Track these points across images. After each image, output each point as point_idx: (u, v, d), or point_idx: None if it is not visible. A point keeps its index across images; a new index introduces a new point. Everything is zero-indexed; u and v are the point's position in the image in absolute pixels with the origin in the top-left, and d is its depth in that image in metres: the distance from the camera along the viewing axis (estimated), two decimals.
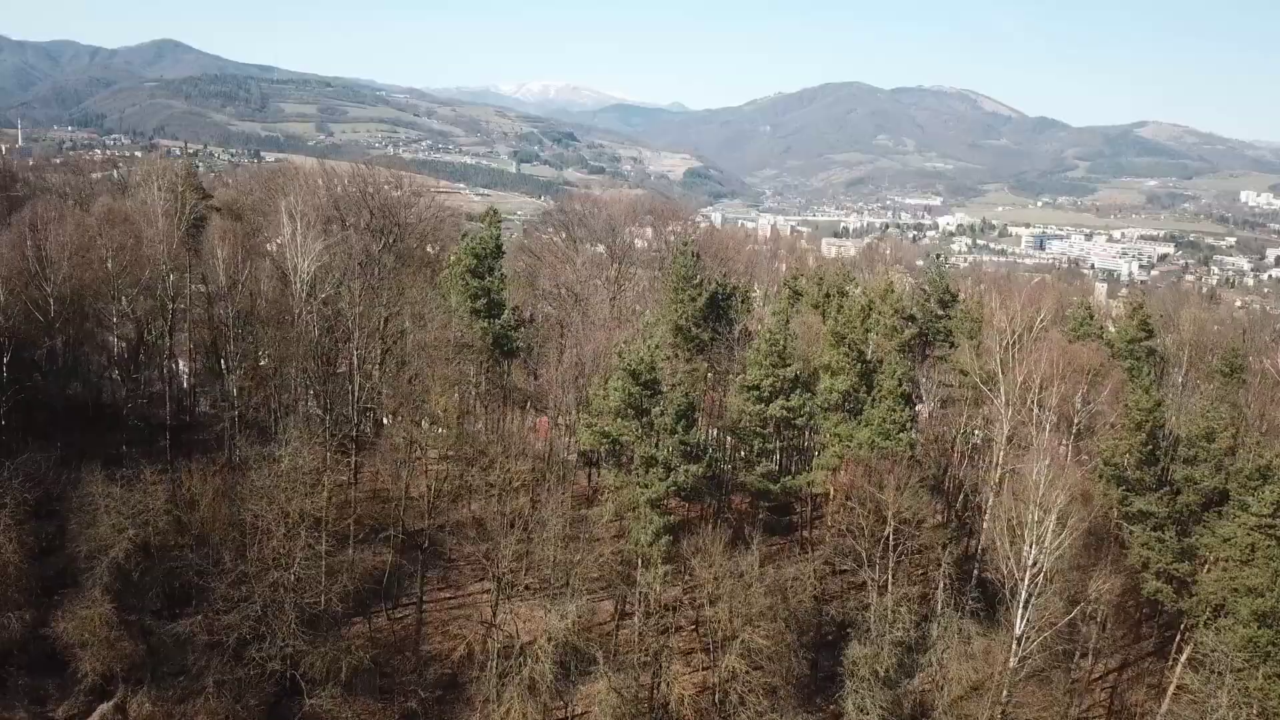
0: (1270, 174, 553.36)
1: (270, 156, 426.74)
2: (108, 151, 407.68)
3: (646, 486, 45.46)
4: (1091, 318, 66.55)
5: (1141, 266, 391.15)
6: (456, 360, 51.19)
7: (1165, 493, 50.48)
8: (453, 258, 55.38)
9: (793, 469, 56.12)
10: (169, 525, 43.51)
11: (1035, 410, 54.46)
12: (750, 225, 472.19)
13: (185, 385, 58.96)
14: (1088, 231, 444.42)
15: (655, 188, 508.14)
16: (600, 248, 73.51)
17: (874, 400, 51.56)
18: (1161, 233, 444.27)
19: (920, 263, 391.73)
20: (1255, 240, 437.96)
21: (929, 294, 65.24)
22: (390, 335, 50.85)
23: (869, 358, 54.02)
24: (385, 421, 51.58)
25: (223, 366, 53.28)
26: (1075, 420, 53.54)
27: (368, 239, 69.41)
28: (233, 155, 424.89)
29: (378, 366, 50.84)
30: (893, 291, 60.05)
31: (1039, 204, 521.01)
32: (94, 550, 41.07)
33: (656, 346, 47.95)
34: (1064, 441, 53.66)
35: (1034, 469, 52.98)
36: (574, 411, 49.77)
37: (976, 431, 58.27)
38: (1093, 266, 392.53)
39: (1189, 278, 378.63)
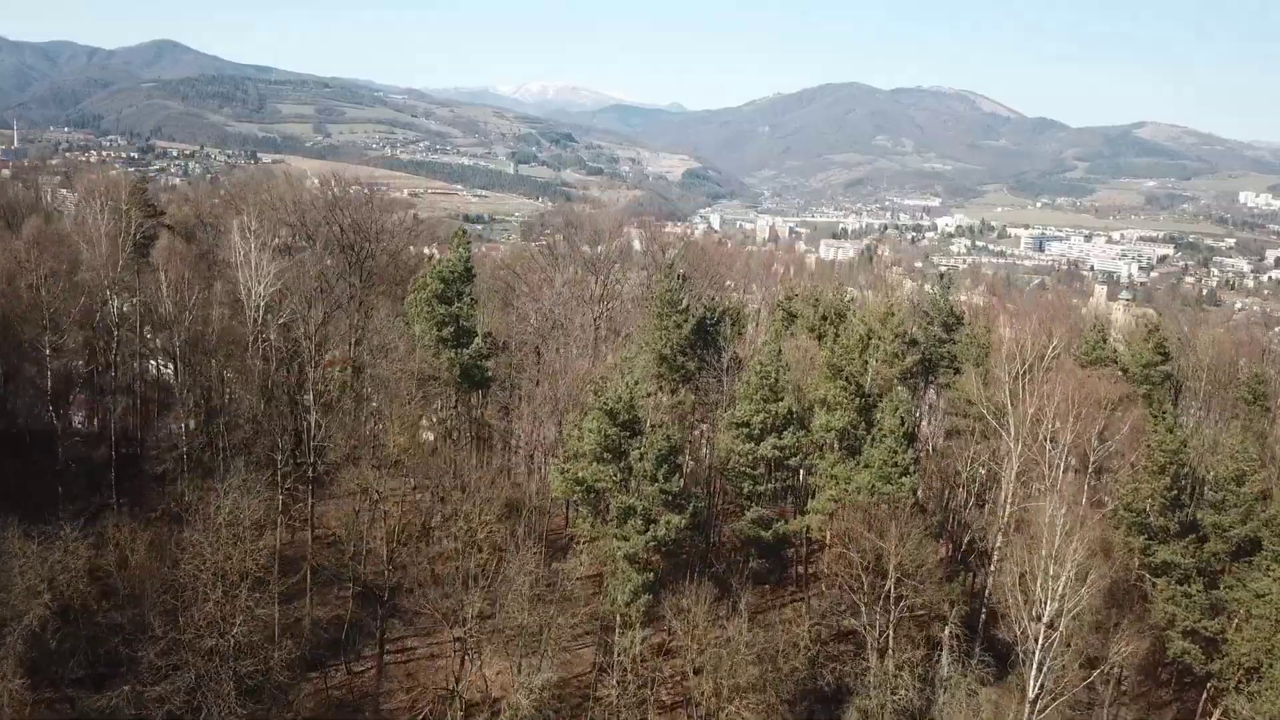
0: (1269, 174, 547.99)
1: (267, 158, 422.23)
2: (104, 153, 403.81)
3: (624, 539, 40.99)
4: (1105, 340, 61.93)
5: (1141, 268, 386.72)
6: (420, 395, 46.70)
7: (1191, 540, 46.01)
8: (418, 282, 50.73)
9: (787, 504, 51.53)
10: (95, 585, 39.08)
11: (1048, 446, 49.99)
12: (749, 226, 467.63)
13: (127, 422, 54.35)
14: (1087, 233, 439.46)
15: (654, 189, 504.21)
16: (585, 248, 68.86)
17: (873, 439, 46.99)
18: (1161, 234, 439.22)
19: (919, 264, 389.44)
20: (1255, 241, 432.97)
21: (932, 316, 60.64)
22: (350, 367, 46.35)
23: (868, 390, 49.42)
24: (343, 462, 46.94)
25: (169, 401, 48.74)
26: (1091, 458, 49.04)
27: (335, 258, 64.90)
28: (229, 156, 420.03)
29: (336, 402, 46.40)
30: (893, 315, 55.45)
31: (1038, 205, 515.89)
32: (5, 617, 36.62)
33: (636, 382, 43.44)
34: (1079, 481, 49.22)
35: (1047, 513, 48.55)
36: (545, 455, 45.20)
37: (982, 469, 53.75)
38: (1092, 268, 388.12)
39: (1189, 279, 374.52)
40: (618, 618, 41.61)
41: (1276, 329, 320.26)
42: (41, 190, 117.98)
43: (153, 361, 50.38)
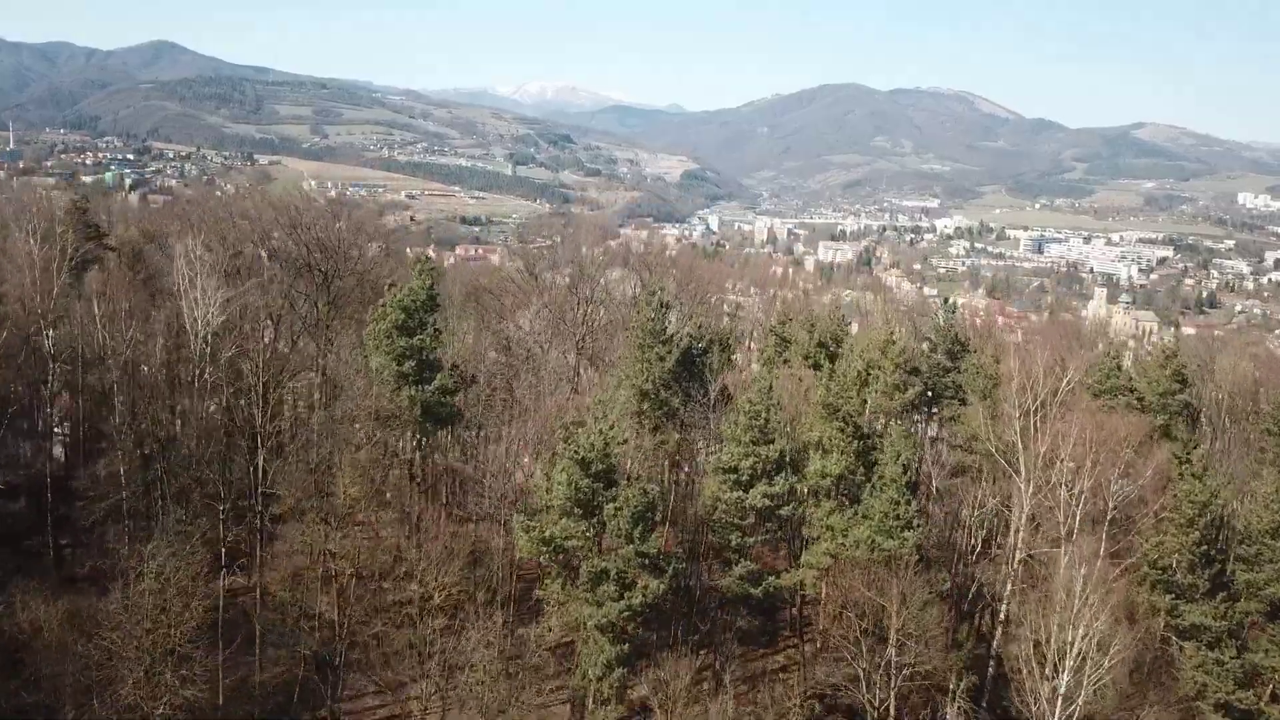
0: (1267, 175, 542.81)
1: (264, 159, 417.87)
2: (100, 154, 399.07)
3: (597, 605, 36.61)
4: (1119, 367, 57.45)
5: (1141, 270, 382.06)
6: (378, 437, 42.24)
7: (1223, 599, 41.62)
8: (378, 312, 46.15)
9: (779, 555, 47.12)
10: (3, 660, 34.70)
11: (1062, 490, 45.54)
12: (747, 228, 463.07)
13: (58, 467, 49.75)
14: (1086, 234, 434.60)
15: (652, 190, 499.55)
16: (566, 274, 64.22)
17: (873, 488, 42.52)
18: (1160, 235, 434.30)
19: (918, 266, 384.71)
20: (1254, 243, 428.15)
21: (935, 343, 56.13)
22: (301, 407, 41.86)
23: (866, 430, 44.95)
24: (290, 513, 42.24)
25: (104, 444, 44.15)
26: (1111, 504, 44.61)
27: (301, 279, 60.42)
28: (225, 158, 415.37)
29: (289, 444, 41.92)
30: (894, 343, 50.94)
31: (1037, 206, 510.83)
32: None
33: (611, 426, 39.00)
34: (1097, 530, 44.82)
35: (1062, 565, 44.08)
36: (512, 506, 40.62)
37: (990, 512, 49.25)
38: (1092, 270, 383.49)
39: (1188, 282, 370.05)
40: (590, 692, 37.25)
41: (1277, 332, 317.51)
42: None
43: (88, 399, 45.86)
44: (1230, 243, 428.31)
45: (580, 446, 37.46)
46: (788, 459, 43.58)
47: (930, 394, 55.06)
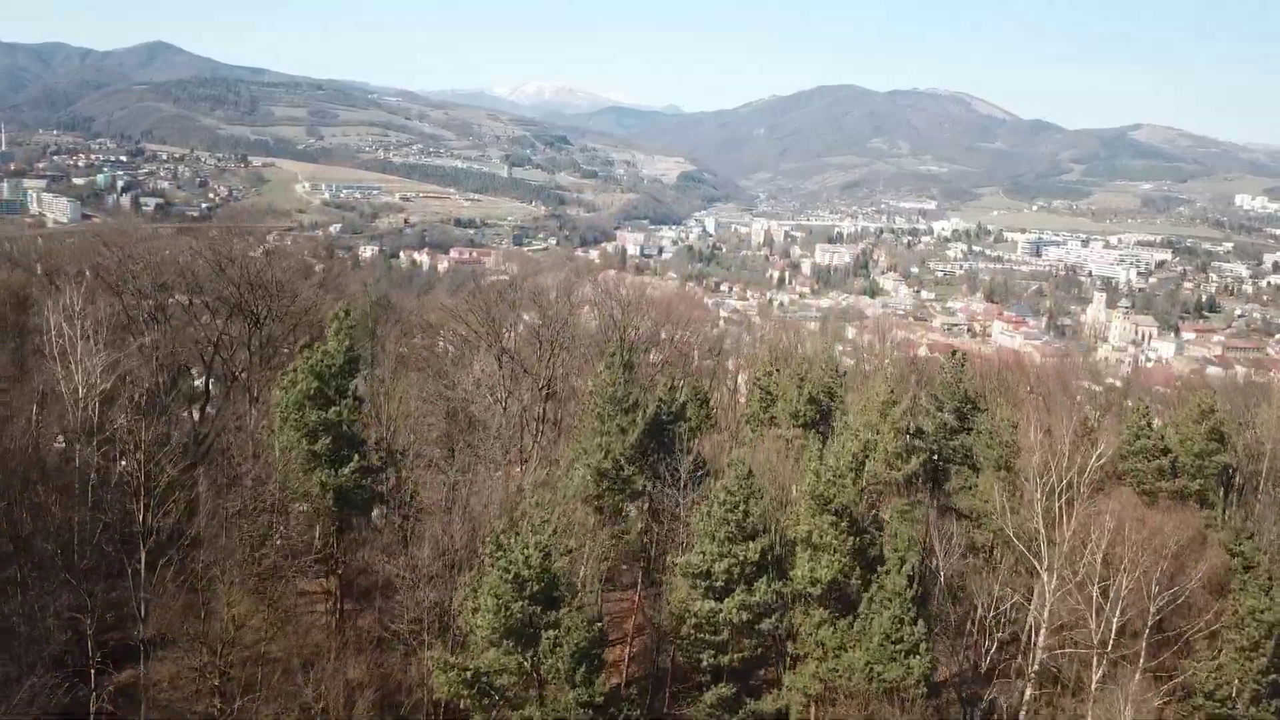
0: (1265, 177, 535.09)
1: (258, 161, 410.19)
2: (93, 156, 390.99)
3: None
4: (1149, 425, 49.87)
5: (1139, 273, 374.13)
6: (280, 535, 34.66)
7: None
8: (286, 379, 38.43)
9: (759, 670, 39.56)
10: None
11: (1094, 592, 38.09)
12: (744, 230, 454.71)
13: None
14: (1084, 237, 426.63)
15: (648, 192, 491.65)
16: (527, 317, 56.23)
17: (872, 599, 34.95)
18: (1158, 238, 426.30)
19: (915, 269, 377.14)
20: (1252, 245, 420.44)
21: (942, 401, 48.49)
22: (184, 504, 34.16)
23: (864, 522, 37.37)
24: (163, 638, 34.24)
25: None
26: (1152, 610, 37.14)
27: (234, 321, 52.75)
28: (219, 160, 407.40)
29: (171, 545, 34.28)
30: (895, 404, 43.34)
31: (1034, 208, 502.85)
32: None
33: (554, 532, 31.52)
34: (1135, 644, 37.40)
35: (1093, 684, 36.65)
36: (432, 630, 32.89)
37: (1008, 601, 41.74)
38: (1090, 274, 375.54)
39: (1187, 285, 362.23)
40: None
41: (1277, 335, 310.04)
42: None
43: None
44: (1228, 245, 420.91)
45: (513, 561, 29.94)
46: (771, 558, 36.03)
47: (937, 460, 47.47)
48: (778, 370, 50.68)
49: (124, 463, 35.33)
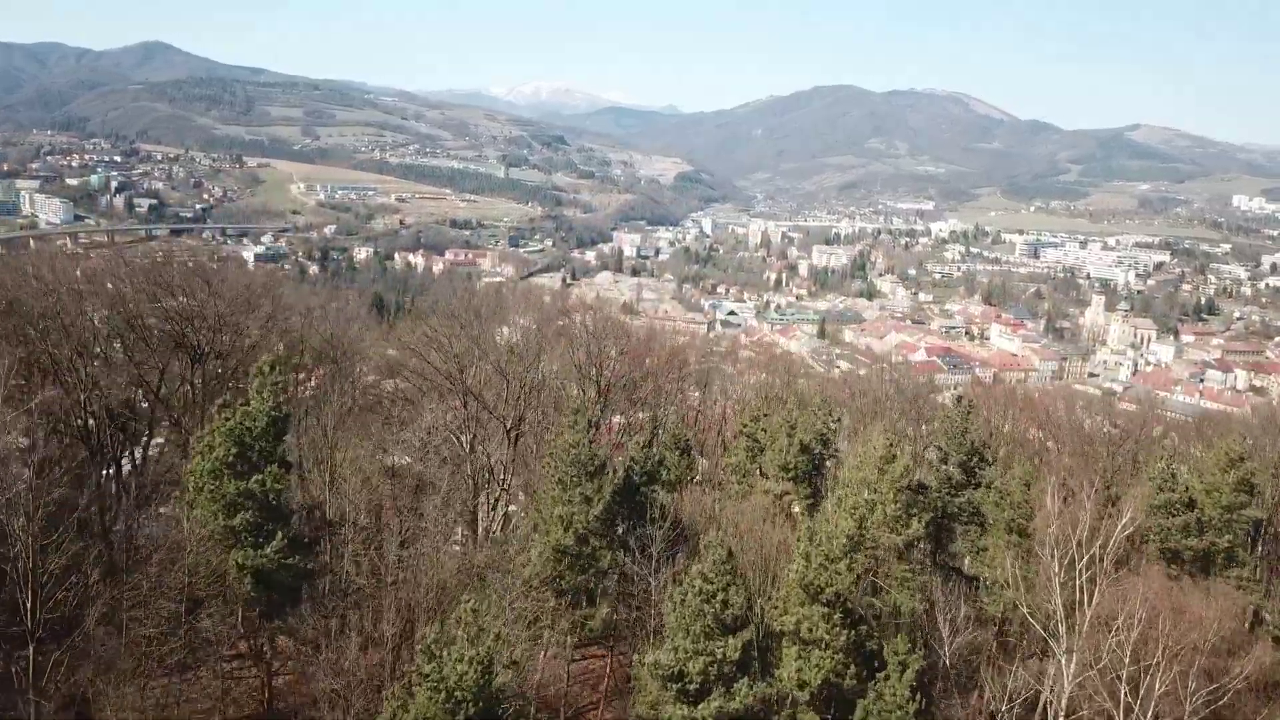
0: (1262, 178, 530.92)
1: (253, 161, 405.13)
2: (87, 156, 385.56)
3: None
4: (1175, 476, 44.94)
5: (1138, 275, 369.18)
6: (187, 628, 29.72)
7: None
8: (202, 443, 33.43)
9: None
10: None
11: (1122, 690, 33.19)
12: (741, 231, 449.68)
13: None
14: (1082, 238, 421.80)
15: (645, 192, 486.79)
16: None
17: (869, 708, 30.01)
18: (1156, 239, 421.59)
19: (913, 271, 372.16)
20: (1250, 246, 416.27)
21: (947, 451, 43.53)
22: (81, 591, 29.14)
23: (861, 610, 32.44)
24: None
25: None
26: (1188, 707, 32.29)
27: (174, 356, 47.71)
28: (214, 160, 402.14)
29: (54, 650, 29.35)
30: (895, 459, 38.38)
31: (1032, 208, 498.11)
32: None
33: (497, 638, 26.64)
34: None
35: None
36: None
37: (1023, 685, 36.85)
38: (1088, 275, 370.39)
39: (1186, 287, 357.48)
40: None
41: (1277, 339, 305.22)
42: None
43: None
44: (1226, 246, 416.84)
45: (446, 677, 25.04)
46: (755, 652, 31.08)
47: (941, 519, 42.54)
48: (766, 415, 45.68)
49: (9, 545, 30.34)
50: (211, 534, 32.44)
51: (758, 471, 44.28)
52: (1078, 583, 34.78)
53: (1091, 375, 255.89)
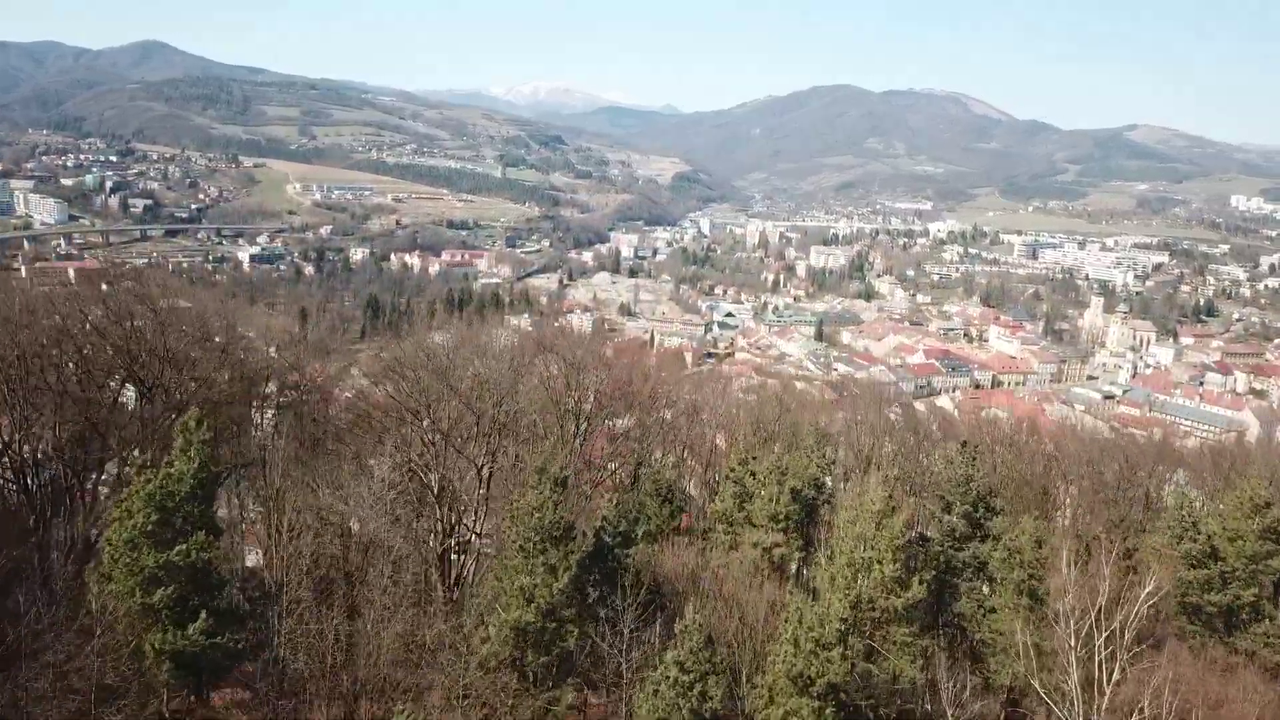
0: (1260, 178, 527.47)
1: (249, 161, 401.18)
2: (82, 156, 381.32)
3: None
4: (1196, 525, 41.39)
5: (1137, 276, 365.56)
6: None
7: None
8: (119, 508, 29.75)
9: None
10: None
11: None
12: (739, 231, 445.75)
13: None
14: (1080, 239, 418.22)
15: (643, 192, 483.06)
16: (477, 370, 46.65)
17: None
18: (1155, 240, 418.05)
19: (911, 272, 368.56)
20: (1249, 248, 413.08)
21: (950, 500, 39.85)
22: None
23: (857, 698, 28.80)
24: None
25: None
26: None
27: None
28: (210, 160, 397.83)
29: None
30: (892, 514, 34.70)
31: (1030, 209, 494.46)
32: None
33: None
34: None
35: None
36: None
37: None
38: (1087, 277, 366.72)
39: (1185, 288, 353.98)
40: None
41: (1276, 340, 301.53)
42: None
43: None
44: (1225, 247, 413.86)
45: None
46: None
47: (945, 574, 38.88)
48: (755, 458, 41.97)
49: None
50: (128, 611, 28.76)
51: (746, 519, 40.60)
52: (1097, 658, 31.17)
53: (1091, 378, 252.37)
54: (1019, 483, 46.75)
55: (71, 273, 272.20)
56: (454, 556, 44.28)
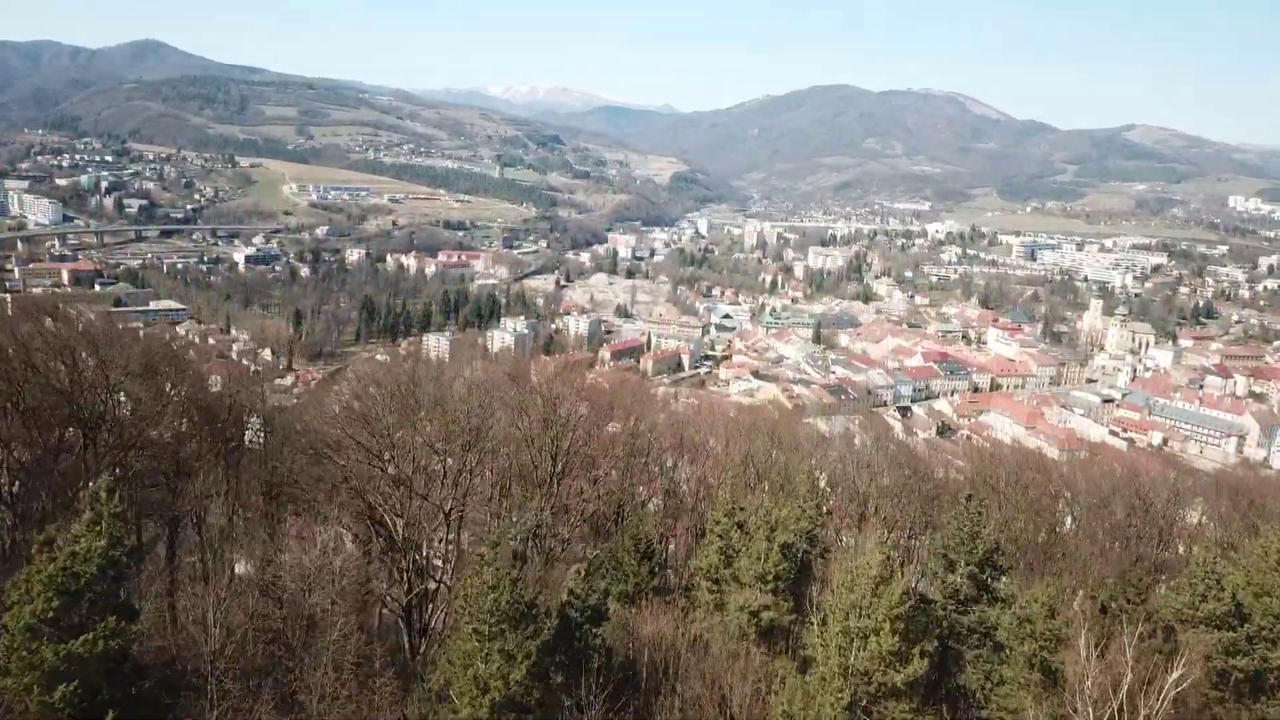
0: (1258, 178, 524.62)
1: (246, 161, 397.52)
2: (77, 156, 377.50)
3: None
4: (1220, 584, 37.87)
5: (1135, 278, 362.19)
6: None
7: None
8: (17, 594, 26.10)
9: None
10: None
11: None
12: (736, 231, 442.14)
13: None
14: (1079, 240, 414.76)
15: (640, 192, 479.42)
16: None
17: None
18: (1153, 241, 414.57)
19: (909, 274, 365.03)
20: (1247, 248, 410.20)
21: (954, 559, 36.33)
22: None
23: None
24: None
25: None
26: None
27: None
28: (206, 160, 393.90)
29: None
30: (888, 582, 31.27)
31: (1028, 209, 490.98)
32: None
33: None
34: None
35: None
36: None
37: None
38: (1086, 279, 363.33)
39: (1184, 290, 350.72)
40: None
41: (1275, 343, 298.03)
42: None
43: None
44: (1223, 248, 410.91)
45: None
46: None
47: (948, 637, 35.36)
48: (742, 509, 38.44)
49: None
50: (23, 714, 25.20)
51: (732, 577, 37.10)
52: None
53: (1090, 381, 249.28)
54: (1027, 526, 43.43)
55: (65, 274, 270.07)
56: (420, 605, 40.97)
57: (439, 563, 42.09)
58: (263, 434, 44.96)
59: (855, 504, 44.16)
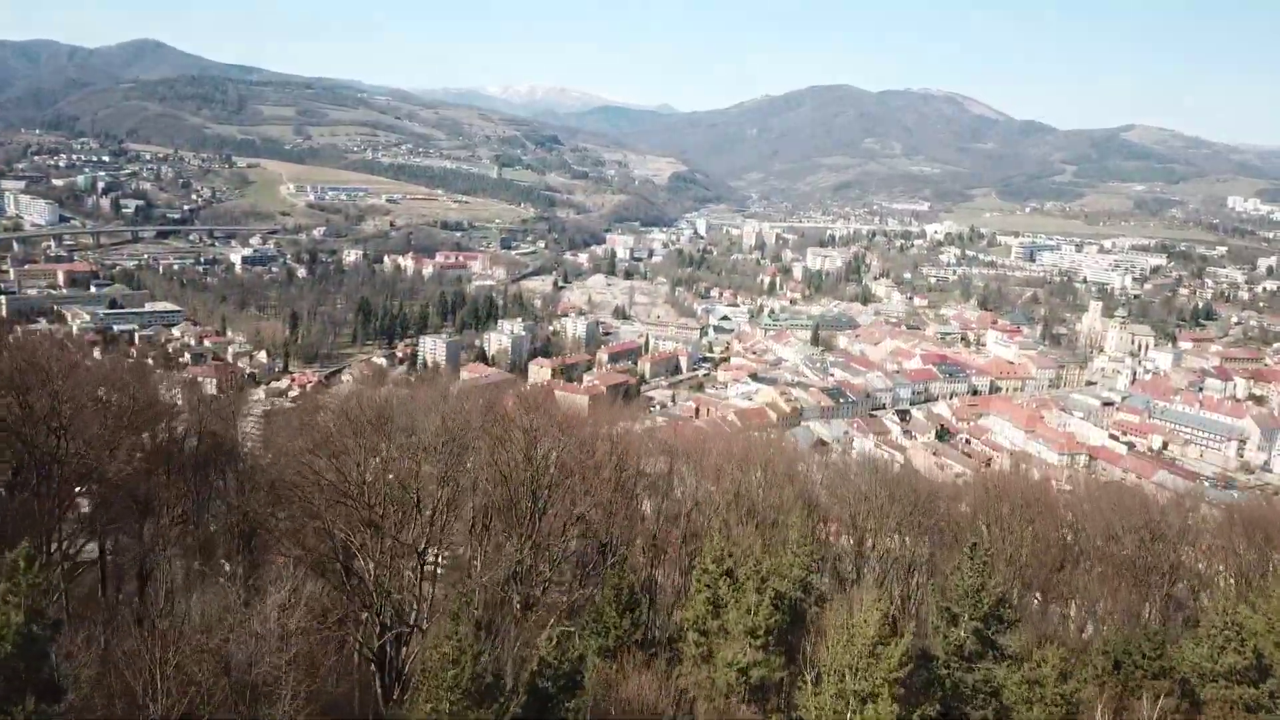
0: (1257, 179, 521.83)
1: (243, 161, 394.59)
2: (74, 156, 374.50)
3: None
4: (1239, 633, 35.39)
5: (1135, 279, 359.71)
6: None
7: None
8: None
9: None
10: None
11: None
12: (735, 232, 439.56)
13: None
14: (1078, 241, 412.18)
15: (639, 193, 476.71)
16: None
17: None
18: (1152, 241, 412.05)
19: (908, 275, 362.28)
20: (1246, 249, 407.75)
21: (957, 611, 33.82)
22: None
23: None
24: None
25: None
26: None
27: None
28: (204, 160, 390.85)
29: None
30: (886, 642, 28.81)
31: (1027, 210, 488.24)
32: None
33: None
34: None
35: None
36: None
37: None
38: (1085, 280, 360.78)
39: (1183, 291, 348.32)
40: None
41: (1275, 345, 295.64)
42: None
43: None
44: (1223, 249, 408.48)
45: None
46: None
47: (951, 698, 32.85)
48: (731, 555, 35.90)
49: None
50: None
51: (720, 629, 34.58)
52: None
53: (1089, 383, 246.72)
54: (1031, 561, 41.08)
55: (60, 275, 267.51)
56: (394, 646, 38.62)
57: (415, 602, 39.75)
58: (226, 472, 42.47)
59: (853, 533, 41.71)
